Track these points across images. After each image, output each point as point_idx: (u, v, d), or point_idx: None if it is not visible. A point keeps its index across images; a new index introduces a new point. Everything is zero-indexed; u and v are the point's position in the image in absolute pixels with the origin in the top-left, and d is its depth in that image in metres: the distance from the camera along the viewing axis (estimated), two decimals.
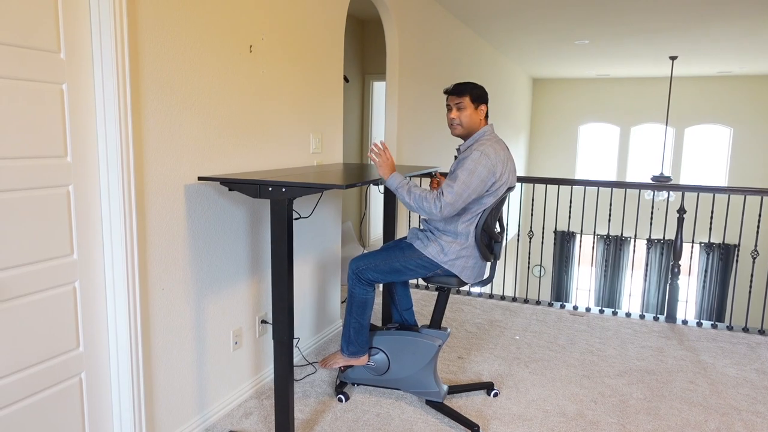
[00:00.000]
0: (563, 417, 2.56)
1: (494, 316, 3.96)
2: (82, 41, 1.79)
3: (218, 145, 2.35)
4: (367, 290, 2.49)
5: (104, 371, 2.00)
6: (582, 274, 12.79)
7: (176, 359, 2.22)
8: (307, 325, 3.24)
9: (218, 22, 2.28)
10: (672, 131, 11.15)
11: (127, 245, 1.93)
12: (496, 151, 2.28)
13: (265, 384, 2.80)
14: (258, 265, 2.71)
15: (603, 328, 3.75)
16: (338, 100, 3.35)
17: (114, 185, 1.89)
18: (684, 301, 11.14)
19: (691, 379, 2.99)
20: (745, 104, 10.59)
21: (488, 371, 3.03)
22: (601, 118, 11.68)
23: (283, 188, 2.02)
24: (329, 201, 3.37)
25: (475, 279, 2.47)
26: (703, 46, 7.32)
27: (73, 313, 1.86)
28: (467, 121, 2.38)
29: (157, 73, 2.01)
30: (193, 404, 2.34)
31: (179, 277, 2.20)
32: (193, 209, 2.24)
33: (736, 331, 3.74)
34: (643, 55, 8.24)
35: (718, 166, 11.09)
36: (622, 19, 5.77)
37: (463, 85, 2.38)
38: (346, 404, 2.63)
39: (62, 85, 1.74)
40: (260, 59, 2.58)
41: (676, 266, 3.94)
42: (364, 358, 2.60)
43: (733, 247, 10.72)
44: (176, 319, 2.20)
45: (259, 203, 2.68)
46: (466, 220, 2.34)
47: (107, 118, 1.85)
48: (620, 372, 3.06)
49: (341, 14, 3.30)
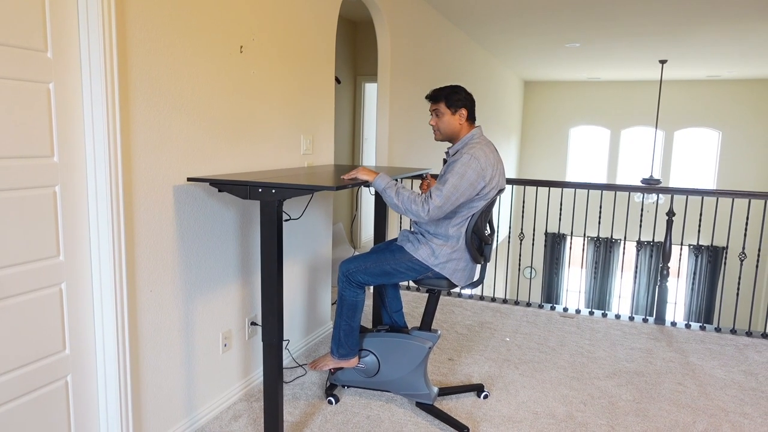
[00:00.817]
0: (553, 419, 2.56)
1: (485, 317, 3.96)
2: (69, 40, 1.78)
3: (208, 145, 2.33)
4: (358, 292, 2.48)
5: (91, 374, 1.98)
6: (572, 276, 12.85)
7: (164, 361, 2.20)
8: (297, 327, 3.23)
9: (208, 22, 2.27)
10: (661, 134, 11.24)
11: (115, 246, 1.91)
12: (486, 154, 2.27)
13: (254, 386, 2.79)
14: (248, 266, 2.69)
15: (593, 329, 3.77)
16: (330, 102, 3.34)
17: (101, 186, 1.87)
18: (673, 303, 11.22)
19: (680, 381, 3.01)
20: (733, 108, 10.70)
21: (478, 373, 3.03)
22: (592, 121, 11.76)
23: (272, 189, 2.00)
24: (320, 202, 3.36)
25: (466, 281, 2.47)
26: (692, 50, 7.38)
27: (60, 315, 1.83)
28: (445, 127, 2.37)
29: (146, 72, 1.99)
30: (181, 407, 2.32)
31: (168, 278, 2.18)
32: (183, 210, 2.23)
33: (724, 333, 3.77)
34: (633, 59, 8.30)
35: (707, 169, 11.19)
36: (613, 22, 5.81)
37: (440, 91, 2.36)
38: (336, 406, 2.62)
39: (49, 85, 1.73)
40: (251, 60, 2.56)
41: (665, 268, 3.97)
42: (354, 360, 2.59)
43: (721, 249, 10.82)
44: (164, 320, 2.19)
45: (249, 204, 2.67)
46: (456, 224, 2.34)
47: (95, 117, 1.83)
48: (610, 374, 3.07)
49: (333, 15, 3.29)
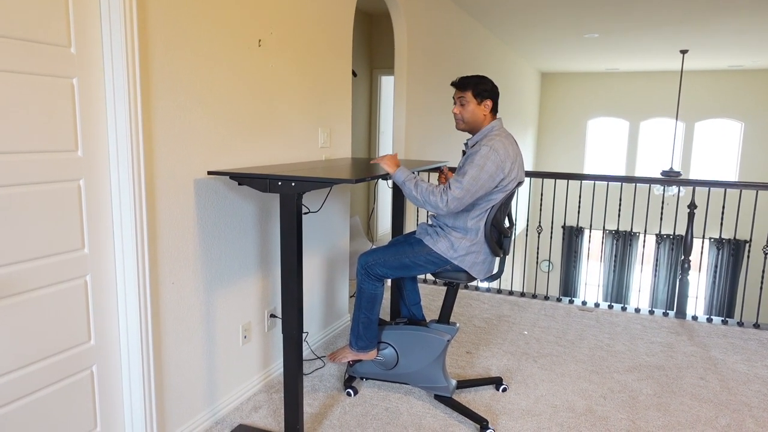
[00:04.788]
0: (572, 412, 2.55)
1: (502, 311, 3.95)
2: (92, 36, 1.80)
3: (227, 139, 2.35)
4: (376, 285, 2.49)
5: (115, 364, 2.01)
6: (590, 270, 12.74)
7: (186, 352, 2.24)
8: (316, 319, 3.25)
9: (227, 16, 2.28)
10: (682, 126, 11.05)
11: (138, 239, 1.94)
12: (505, 146, 2.26)
13: (274, 378, 2.81)
14: (267, 259, 2.71)
15: (612, 323, 3.74)
16: (347, 95, 3.34)
17: (124, 179, 1.90)
18: (694, 297, 11.07)
19: (702, 375, 2.97)
20: (756, 98, 10.47)
21: (497, 366, 3.02)
22: (610, 113, 11.60)
23: (292, 183, 2.01)
24: (338, 196, 3.37)
25: (485, 274, 2.46)
26: (714, 40, 7.23)
27: (84, 306, 1.87)
28: (469, 117, 2.36)
29: (167, 67, 2.01)
30: (202, 397, 2.35)
31: (189, 270, 2.21)
32: (203, 204, 2.25)
33: (747, 327, 3.71)
34: (653, 49, 8.16)
35: (729, 160, 10.99)
36: (632, 12, 5.72)
37: (468, 79, 2.34)
38: (355, 398, 2.63)
39: (73, 80, 1.75)
40: (269, 54, 2.57)
41: (687, 261, 3.91)
42: (372, 352, 2.60)
43: (743, 242, 10.63)
44: (186, 312, 2.21)
45: (269, 198, 2.68)
46: (475, 216, 2.33)
47: (117, 112, 1.86)
48: (630, 368, 3.05)
49: (350, 8, 3.28)
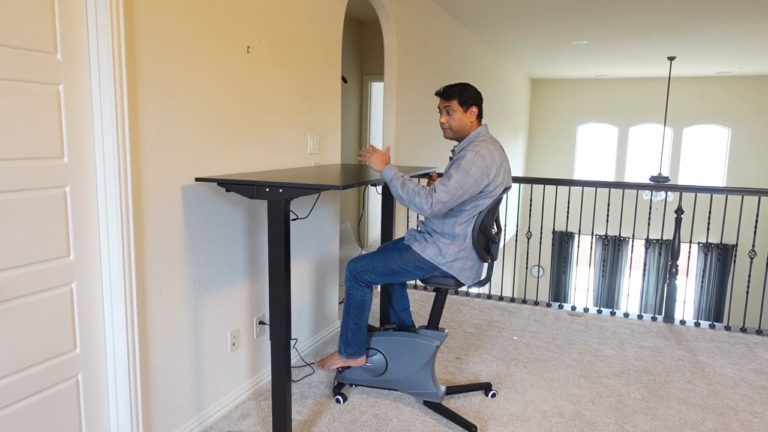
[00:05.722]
0: (561, 417, 2.56)
1: (492, 316, 3.96)
2: (78, 42, 1.79)
3: (215, 145, 2.35)
4: (365, 291, 2.49)
5: (101, 373, 1.99)
6: (580, 274, 12.80)
7: (173, 360, 2.22)
8: (305, 325, 3.24)
9: (215, 22, 2.28)
10: (670, 131, 11.16)
11: (124, 246, 1.93)
12: (491, 152, 2.27)
13: (262, 385, 2.80)
14: (256, 266, 2.70)
15: (601, 328, 3.76)
16: (336, 101, 3.35)
17: (111, 186, 1.89)
18: (682, 301, 11.15)
19: (689, 380, 2.99)
20: (743, 105, 10.61)
21: (486, 372, 3.03)
22: (600, 119, 11.70)
23: (280, 189, 2.01)
24: (327, 202, 3.37)
25: (473, 280, 2.47)
26: (701, 47, 7.33)
27: (70, 314, 1.85)
28: (456, 125, 2.37)
29: (154, 73, 2.00)
30: (190, 405, 2.33)
31: (176, 278, 2.20)
32: (191, 210, 2.24)
33: (734, 331, 3.74)
34: (641, 56, 8.25)
35: (717, 166, 11.11)
36: (621, 19, 5.78)
37: (452, 88, 2.36)
38: (344, 405, 2.63)
39: (59, 86, 1.74)
40: (257, 60, 2.57)
41: (674, 266, 3.95)
42: (361, 359, 2.60)
43: (731, 247, 10.74)
44: (173, 320, 2.20)
45: (257, 204, 2.68)
46: (462, 222, 2.34)
47: (104, 119, 1.85)
48: (618, 372, 3.06)
49: (339, 15, 3.29)
